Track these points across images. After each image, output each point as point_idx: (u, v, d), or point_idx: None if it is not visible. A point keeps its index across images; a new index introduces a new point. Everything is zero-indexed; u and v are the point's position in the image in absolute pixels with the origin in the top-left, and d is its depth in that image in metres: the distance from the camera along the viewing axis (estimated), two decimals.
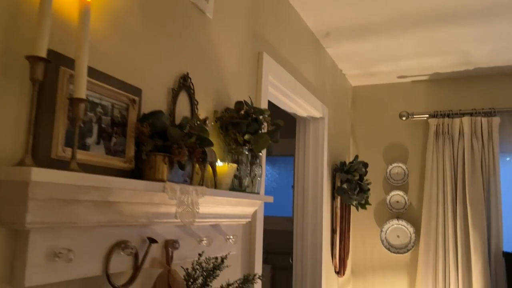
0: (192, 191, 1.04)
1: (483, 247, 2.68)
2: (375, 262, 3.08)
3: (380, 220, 3.10)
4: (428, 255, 2.83)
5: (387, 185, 3.11)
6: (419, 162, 3.05)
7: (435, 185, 2.89)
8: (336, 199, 2.72)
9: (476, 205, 2.73)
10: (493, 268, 2.68)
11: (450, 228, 2.79)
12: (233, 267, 1.49)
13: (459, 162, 2.84)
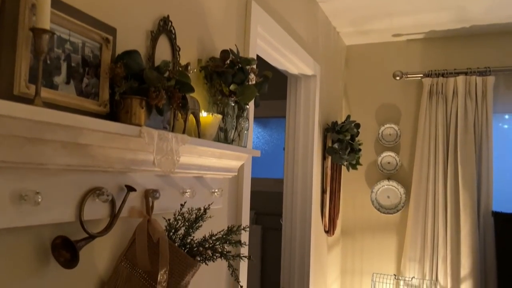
0: (172, 138, 0.99)
1: (473, 207, 2.68)
2: (364, 222, 3.09)
3: (370, 181, 3.09)
4: (418, 215, 2.84)
5: (379, 146, 3.08)
6: (411, 123, 3.02)
7: (426, 146, 2.86)
8: (327, 159, 2.69)
9: (467, 166, 2.72)
10: (482, 228, 2.70)
11: (441, 189, 2.79)
12: (219, 222, 1.47)
13: (451, 123, 2.80)
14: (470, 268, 2.63)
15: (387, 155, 3.03)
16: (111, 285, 1.00)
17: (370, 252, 3.05)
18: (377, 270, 2.96)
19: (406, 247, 2.87)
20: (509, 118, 2.87)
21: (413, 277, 2.79)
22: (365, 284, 2.98)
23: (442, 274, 2.73)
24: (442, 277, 2.73)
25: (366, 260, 3.05)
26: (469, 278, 2.63)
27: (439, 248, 2.75)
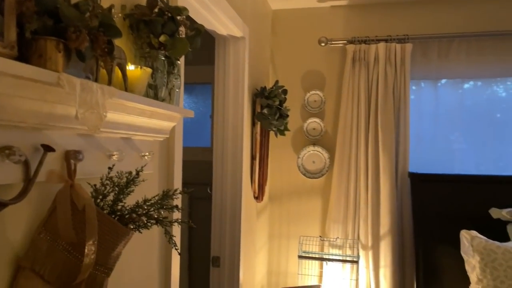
0: (97, 90, 0.86)
1: (391, 169, 2.83)
2: (291, 187, 3.14)
3: (297, 147, 3.13)
4: (341, 179, 2.94)
5: (305, 113, 3.11)
6: (335, 89, 3.08)
7: (350, 112, 2.94)
8: (256, 125, 2.66)
9: (387, 130, 2.85)
10: (400, 188, 2.87)
11: (362, 153, 2.90)
12: (149, 188, 1.36)
13: (373, 89, 2.90)
14: (388, 226, 2.80)
15: (312, 121, 3.07)
16: (28, 260, 0.86)
17: (296, 216, 3.12)
18: (304, 233, 3.04)
19: (330, 209, 2.97)
20: (425, 84, 3.04)
21: (337, 238, 2.90)
22: (292, 247, 3.05)
23: (363, 233, 2.87)
24: (363, 236, 2.87)
25: (293, 224, 3.12)
26: (388, 236, 2.80)
27: (361, 209, 2.88)
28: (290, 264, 3.07)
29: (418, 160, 2.90)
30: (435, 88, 2.99)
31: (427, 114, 2.98)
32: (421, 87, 3.04)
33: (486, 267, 2.09)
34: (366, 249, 2.86)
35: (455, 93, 2.94)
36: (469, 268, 2.22)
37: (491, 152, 2.88)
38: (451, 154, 2.95)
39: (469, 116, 2.92)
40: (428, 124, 2.98)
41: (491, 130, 2.88)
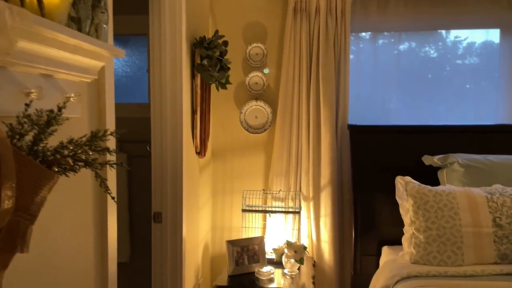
0: (5, 9, 0.74)
1: (332, 122, 2.88)
2: (234, 143, 3.11)
3: (239, 102, 3.08)
4: (284, 132, 2.95)
5: (247, 66, 3.05)
6: (277, 42, 3.03)
7: (291, 65, 2.92)
8: (196, 77, 2.56)
9: (328, 83, 2.87)
10: (339, 140, 2.93)
11: (304, 106, 2.91)
12: (79, 134, 1.25)
13: (314, 42, 2.89)
14: (329, 177, 2.87)
15: (254, 75, 3.01)
16: None
17: (240, 171, 3.11)
18: (248, 188, 3.04)
19: (273, 163, 2.99)
20: (363, 44, 3.07)
21: (280, 190, 2.94)
22: (236, 202, 3.06)
23: (305, 185, 2.93)
24: (305, 188, 2.93)
25: (236, 180, 3.11)
26: (328, 186, 2.87)
27: (303, 162, 2.93)
28: (234, 219, 3.08)
29: (357, 117, 2.95)
30: (373, 48, 3.04)
31: (365, 74, 3.04)
32: (360, 47, 3.07)
33: (419, 210, 2.21)
34: (308, 200, 2.93)
35: (391, 53, 3.01)
36: (403, 211, 2.34)
37: (423, 111, 3.01)
38: (387, 112, 3.05)
39: (404, 76, 3.02)
40: (366, 84, 3.05)
41: (423, 89, 2.99)
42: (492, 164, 2.43)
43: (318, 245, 2.92)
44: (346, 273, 2.90)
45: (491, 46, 2.95)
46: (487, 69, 2.95)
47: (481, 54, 2.97)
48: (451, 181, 2.45)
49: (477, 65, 2.99)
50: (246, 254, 2.68)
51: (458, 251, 2.11)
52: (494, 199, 2.17)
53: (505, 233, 2.09)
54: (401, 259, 2.26)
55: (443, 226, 2.14)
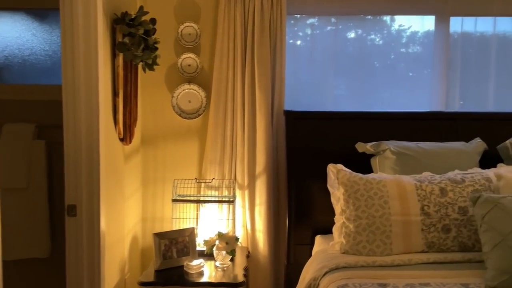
0: None
1: (267, 107, 2.77)
2: (166, 129, 2.93)
3: (171, 85, 2.89)
4: (218, 118, 2.81)
5: (179, 47, 2.86)
6: (211, 22, 2.86)
7: (226, 47, 2.77)
8: (118, 56, 2.34)
9: (263, 67, 2.75)
10: (275, 126, 2.83)
11: (239, 91, 2.78)
12: None
13: (249, 22, 2.74)
14: (264, 165, 2.77)
15: (187, 56, 2.83)
16: None
17: (172, 159, 2.94)
18: (181, 176, 2.88)
19: (207, 150, 2.84)
20: (301, 20, 2.96)
21: (213, 179, 2.80)
22: (168, 192, 2.88)
23: (240, 173, 2.81)
24: (240, 176, 2.81)
25: (168, 168, 2.94)
26: (263, 174, 2.77)
27: (238, 149, 2.80)
28: (166, 209, 2.92)
29: (298, 104, 2.86)
30: (316, 34, 2.95)
31: (309, 60, 2.95)
32: (301, 32, 2.97)
33: (349, 198, 2.15)
34: (243, 188, 2.81)
35: (335, 39, 2.93)
36: (334, 200, 2.27)
37: (368, 98, 2.96)
38: (331, 99, 2.98)
39: (348, 62, 2.96)
40: (309, 69, 2.96)
41: (367, 76, 2.94)
42: (423, 152, 2.42)
43: (253, 235, 2.83)
44: (280, 263, 2.83)
45: (432, 35, 2.94)
46: (429, 57, 2.93)
47: (424, 43, 2.96)
48: (383, 169, 2.41)
49: (419, 53, 2.97)
50: (175, 247, 2.54)
51: (387, 240, 2.07)
52: (423, 187, 2.14)
53: (432, 221, 2.08)
54: (332, 249, 2.20)
55: (373, 215, 2.09)
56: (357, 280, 1.86)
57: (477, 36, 2.90)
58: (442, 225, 2.07)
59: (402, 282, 1.82)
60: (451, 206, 2.09)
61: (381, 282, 1.83)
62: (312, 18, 2.94)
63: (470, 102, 2.93)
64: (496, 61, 2.88)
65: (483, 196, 1.91)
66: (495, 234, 1.81)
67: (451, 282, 1.80)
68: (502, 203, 1.85)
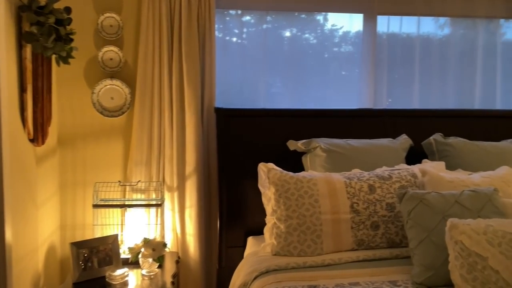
0: None
1: (197, 104, 2.64)
2: (86, 128, 2.70)
3: (91, 80, 2.67)
4: (144, 116, 2.64)
5: (99, 39, 2.65)
6: (134, 13, 2.67)
7: (151, 40, 2.60)
8: (25, 48, 2.09)
9: (191, 62, 2.62)
10: (206, 124, 2.71)
11: (166, 86, 2.63)
12: None
13: (175, 15, 2.60)
14: (194, 165, 2.64)
15: (109, 50, 2.63)
16: None
17: (93, 160, 2.71)
18: (102, 179, 2.67)
19: (132, 151, 2.66)
20: (236, 17, 2.86)
21: (139, 181, 2.63)
22: (88, 196, 2.67)
23: (169, 174, 2.66)
24: (168, 177, 2.66)
25: (89, 170, 2.71)
26: (194, 175, 2.64)
27: (166, 148, 2.65)
28: (87, 216, 2.69)
29: (230, 102, 2.77)
30: (248, 32, 2.85)
31: (241, 57, 2.85)
32: (234, 28, 2.87)
33: (280, 198, 2.09)
34: (172, 190, 2.67)
35: (266, 34, 2.85)
36: (266, 200, 2.20)
37: (300, 97, 2.92)
38: (261, 97, 2.90)
39: (283, 61, 2.89)
40: (241, 67, 2.87)
41: (302, 75, 2.90)
42: (352, 149, 2.42)
43: (183, 239, 2.69)
44: (212, 267, 2.72)
45: (354, 36, 2.97)
46: (359, 57, 2.95)
47: (355, 43, 2.98)
48: (314, 167, 2.38)
49: (351, 52, 2.99)
50: (96, 257, 2.34)
51: (317, 240, 2.03)
52: (352, 184, 2.13)
53: (361, 219, 2.07)
54: (263, 251, 2.12)
55: (304, 215, 2.05)
56: (287, 283, 1.80)
57: (403, 37, 2.97)
58: (371, 222, 2.07)
59: (332, 283, 1.78)
60: (379, 203, 2.10)
61: (312, 284, 1.78)
62: (247, 16, 2.85)
63: (396, 100, 3.00)
64: (420, 61, 2.97)
65: (408, 193, 1.93)
66: (420, 230, 1.83)
67: (379, 280, 1.80)
68: (427, 199, 1.88)
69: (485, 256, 1.61)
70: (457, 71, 3.02)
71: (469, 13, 2.97)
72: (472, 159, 2.48)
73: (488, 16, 3.00)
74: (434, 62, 3.00)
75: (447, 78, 3.01)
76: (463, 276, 1.61)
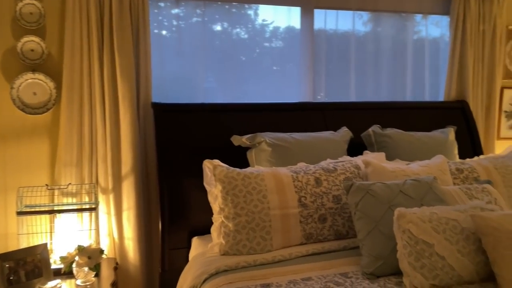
0: None
1: (132, 99, 2.47)
2: (5, 127, 2.42)
3: (10, 74, 2.39)
4: (72, 112, 2.42)
5: (18, 28, 2.37)
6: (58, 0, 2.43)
7: (78, 30, 2.38)
8: None
9: (125, 54, 2.44)
10: (142, 119, 2.55)
11: (97, 80, 2.42)
12: None
13: (105, 3, 2.40)
14: (131, 164, 2.47)
15: (29, 40, 2.36)
16: None
17: (15, 163, 2.44)
18: (26, 183, 2.41)
19: (60, 151, 2.43)
20: (166, 9, 2.70)
21: (70, 184, 2.41)
22: (10, 203, 2.39)
23: (103, 175, 2.47)
24: (102, 178, 2.47)
25: (10, 174, 2.43)
26: (131, 174, 2.48)
27: (98, 147, 2.45)
28: (10, 225, 2.41)
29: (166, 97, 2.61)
30: (179, 26, 2.71)
31: (176, 51, 2.72)
32: (167, 21, 2.72)
33: (227, 195, 2.01)
34: (107, 193, 2.48)
35: (197, 28, 2.73)
36: (212, 198, 2.11)
37: (237, 92, 2.85)
38: (200, 92, 2.79)
39: (216, 56, 2.80)
40: (177, 61, 2.73)
41: (236, 70, 2.82)
42: (296, 142, 2.40)
43: (121, 244, 2.51)
44: (155, 271, 2.57)
45: (293, 30, 2.95)
46: (296, 51, 2.93)
47: (292, 37, 2.96)
48: (260, 162, 2.33)
49: (282, 47, 2.96)
50: (23, 269, 2.10)
51: (267, 236, 1.99)
52: (299, 178, 2.11)
53: (309, 212, 2.06)
54: (211, 252, 2.03)
55: (252, 211, 1.99)
56: (239, 283, 1.73)
57: (339, 31, 3.01)
58: (318, 215, 2.07)
59: (284, 280, 1.74)
60: (326, 196, 2.10)
61: (264, 282, 1.73)
62: (177, 8, 2.71)
63: (334, 93, 3.04)
64: (355, 55, 3.03)
65: (355, 184, 1.94)
66: (368, 221, 1.85)
67: (331, 273, 1.79)
68: (373, 189, 1.91)
69: (432, 243, 1.66)
70: (389, 65, 3.13)
71: (399, 8, 3.09)
72: (408, 149, 2.58)
73: (417, 11, 3.14)
74: (368, 56, 3.08)
75: (380, 71, 3.11)
76: (411, 263, 1.65)
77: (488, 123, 3.27)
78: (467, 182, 2.34)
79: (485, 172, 2.40)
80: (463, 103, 3.10)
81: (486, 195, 2.09)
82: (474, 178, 2.37)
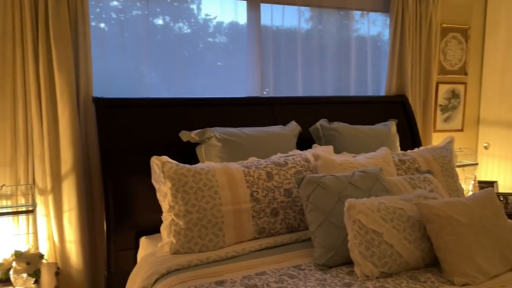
0: None
1: (71, 93, 2.32)
2: None
3: None
4: (5, 108, 2.24)
5: None
6: None
7: (9, 17, 2.20)
8: None
9: (62, 45, 2.29)
10: (83, 115, 2.41)
11: (32, 73, 2.25)
12: None
13: None
14: (71, 163, 2.33)
15: None
16: None
17: None
18: None
19: None
20: (104, 1, 2.56)
21: (4, 185, 2.22)
22: None
23: (40, 175, 2.31)
24: (40, 178, 2.31)
25: None
26: (72, 174, 2.34)
27: (35, 145, 2.28)
28: None
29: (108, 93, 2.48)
30: (119, 19, 2.59)
31: (117, 46, 2.60)
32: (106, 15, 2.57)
33: (178, 192, 1.95)
34: (45, 193, 2.32)
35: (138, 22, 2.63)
36: (161, 196, 2.03)
37: (180, 87, 2.77)
38: (143, 87, 2.68)
39: (158, 51, 2.70)
40: (117, 56, 2.61)
41: (179, 65, 2.74)
42: (247, 137, 2.38)
43: (62, 247, 2.36)
44: (100, 274, 2.45)
45: (238, 26, 2.92)
46: (237, 47, 2.90)
47: (229, 34, 2.92)
48: (210, 157, 2.28)
49: (227, 43, 2.92)
50: None
51: (219, 233, 1.95)
52: (251, 173, 2.10)
53: (261, 207, 2.05)
54: (161, 251, 1.96)
55: (204, 208, 1.94)
56: (192, 282, 1.68)
57: (285, 27, 3.03)
58: (270, 209, 2.07)
59: (239, 276, 1.72)
60: (278, 189, 2.10)
61: (218, 279, 1.70)
62: (115, 1, 2.58)
63: (282, 88, 3.05)
64: (302, 51, 3.07)
65: (306, 177, 1.96)
66: (319, 213, 1.88)
67: (284, 266, 1.80)
68: (323, 182, 1.93)
69: (381, 232, 1.71)
70: (334, 61, 3.20)
71: (342, 5, 3.16)
72: (354, 142, 2.65)
73: (359, 8, 3.23)
74: (314, 52, 3.13)
75: (326, 67, 3.17)
76: (362, 253, 1.70)
77: (426, 116, 3.44)
78: (409, 172, 2.45)
79: (425, 163, 2.53)
80: (403, 98, 3.24)
81: (428, 184, 2.19)
82: (416, 169, 2.48)
